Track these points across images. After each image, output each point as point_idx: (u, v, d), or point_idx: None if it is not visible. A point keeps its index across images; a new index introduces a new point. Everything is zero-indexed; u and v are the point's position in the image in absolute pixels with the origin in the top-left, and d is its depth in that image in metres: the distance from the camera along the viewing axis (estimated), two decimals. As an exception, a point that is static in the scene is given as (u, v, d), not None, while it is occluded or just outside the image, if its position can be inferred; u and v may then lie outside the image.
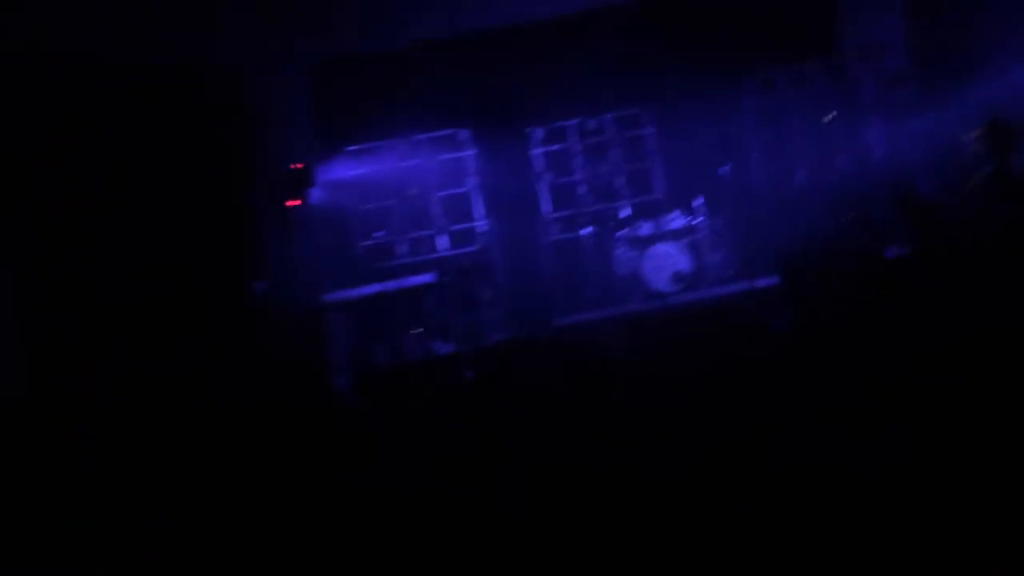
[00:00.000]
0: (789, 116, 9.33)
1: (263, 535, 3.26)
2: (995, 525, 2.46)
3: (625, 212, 9.13)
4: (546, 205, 9.50)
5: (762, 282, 7.93)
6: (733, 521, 2.80)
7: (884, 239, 7.66)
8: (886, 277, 6.76)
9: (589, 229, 9.06)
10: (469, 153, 9.47)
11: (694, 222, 8.73)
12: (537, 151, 9.53)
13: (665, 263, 8.48)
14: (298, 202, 7.28)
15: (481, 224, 9.36)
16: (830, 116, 8.99)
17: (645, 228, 8.74)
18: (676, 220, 8.73)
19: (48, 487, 3.93)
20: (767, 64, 9.25)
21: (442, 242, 9.41)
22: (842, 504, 2.76)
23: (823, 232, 8.08)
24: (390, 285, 7.15)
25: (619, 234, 8.82)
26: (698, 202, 8.74)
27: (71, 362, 6.20)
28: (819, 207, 8.45)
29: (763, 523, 2.78)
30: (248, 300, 7.35)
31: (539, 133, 9.53)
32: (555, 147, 9.56)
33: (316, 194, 8.04)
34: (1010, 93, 7.71)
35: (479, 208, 9.42)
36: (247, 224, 7.62)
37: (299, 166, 7.31)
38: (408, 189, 9.32)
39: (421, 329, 7.76)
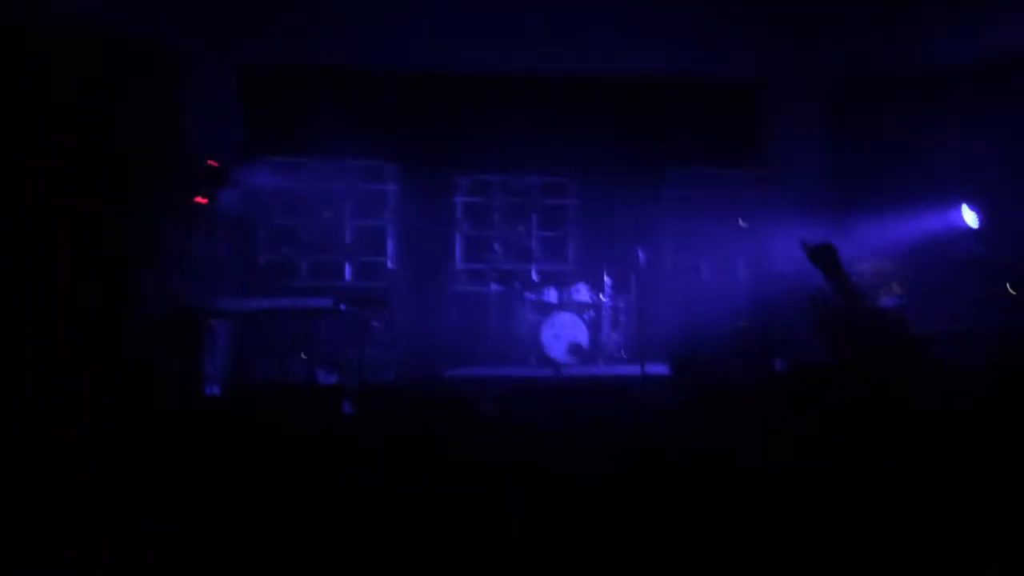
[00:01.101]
0: (705, 215, 9.65)
1: (116, 542, 2.99)
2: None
3: (534, 276, 9.15)
4: (458, 255, 9.46)
5: (653, 368, 8.04)
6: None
7: (776, 351, 7.91)
8: (769, 388, 6.96)
9: (496, 286, 9.04)
10: (391, 188, 9.37)
11: (599, 298, 8.82)
12: (459, 199, 9.52)
13: (565, 333, 8.50)
14: (206, 200, 6.99)
15: (390, 261, 9.22)
16: (744, 223, 9.33)
17: (551, 295, 8.78)
18: (582, 293, 8.80)
19: None
20: (692, 161, 9.59)
21: (347, 271, 9.22)
22: None
23: (719, 333, 8.29)
24: (284, 302, 6.88)
25: (525, 296, 8.82)
26: (607, 280, 8.86)
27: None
28: (720, 308, 8.68)
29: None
30: (131, 292, 6.96)
31: (464, 182, 9.53)
32: (477, 199, 9.57)
33: (228, 197, 7.76)
34: (919, 225, 8.19)
35: (391, 244, 9.29)
36: (147, 213, 7.26)
37: (214, 164, 7.04)
38: (323, 211, 9.13)
39: (308, 354, 7.49)
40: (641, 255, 8.86)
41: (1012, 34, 7.88)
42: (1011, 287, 7.32)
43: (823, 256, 6.29)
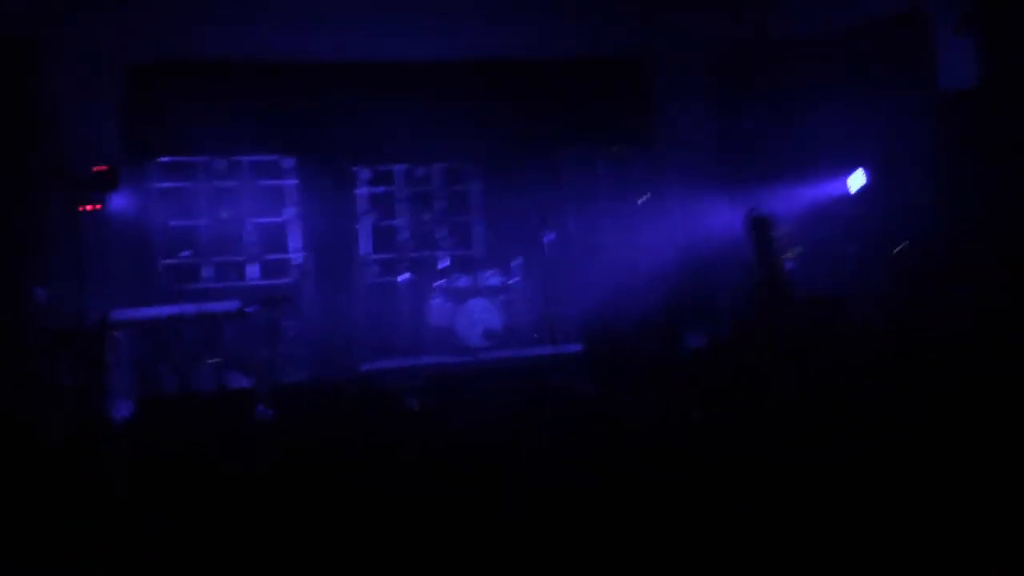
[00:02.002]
0: (605, 193, 9.82)
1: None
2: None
3: (444, 263, 9.14)
4: (365, 246, 9.35)
5: (567, 348, 8.18)
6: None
7: (683, 325, 8.15)
8: (681, 363, 7.19)
9: (406, 276, 8.99)
10: (290, 182, 9.18)
11: (509, 282, 8.88)
12: (362, 191, 9.40)
13: (478, 318, 8.54)
14: (95, 207, 6.70)
15: (295, 257, 9.04)
16: (643, 198, 9.54)
17: (462, 282, 8.79)
18: (492, 278, 8.85)
19: None
20: (588, 141, 9.72)
21: (252, 271, 8.99)
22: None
23: (627, 309, 8.47)
24: (188, 308, 6.68)
25: (435, 284, 8.80)
26: (515, 263, 8.93)
27: None
28: (626, 285, 8.86)
29: None
30: (24, 307, 6.64)
31: (365, 173, 9.41)
32: (380, 189, 9.47)
33: (118, 202, 7.46)
34: (809, 191, 8.52)
35: (295, 240, 9.11)
36: (32, 224, 6.91)
37: (102, 168, 6.74)
38: (221, 211, 8.87)
39: (217, 359, 7.29)
40: (546, 237, 8.96)
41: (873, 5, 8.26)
42: (895, 248, 7.71)
43: (763, 228, 6.69)
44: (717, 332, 7.93)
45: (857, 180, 8.18)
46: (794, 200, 8.57)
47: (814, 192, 8.58)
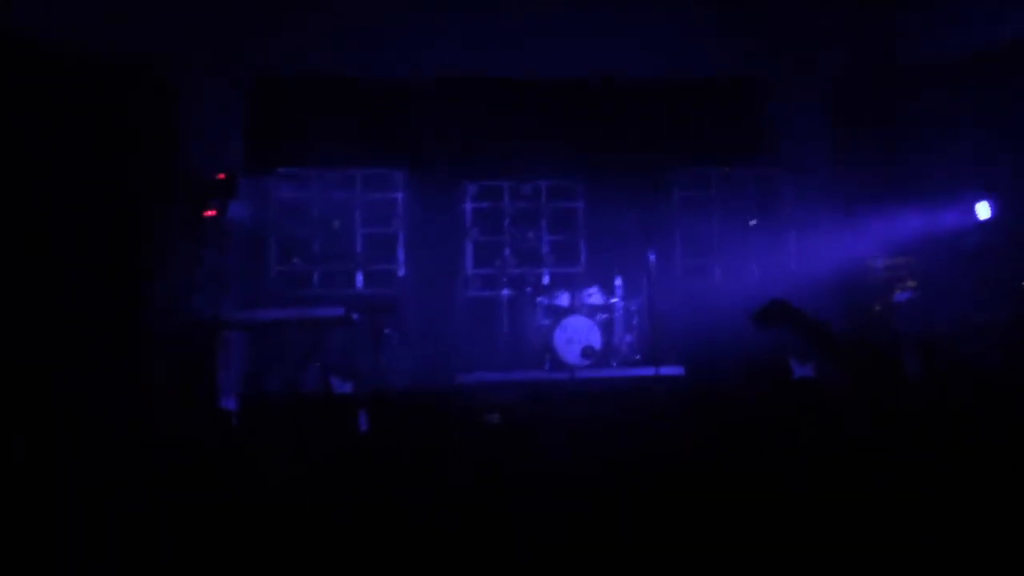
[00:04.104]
0: (714, 215, 9.64)
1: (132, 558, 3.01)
2: None
3: (545, 280, 9.14)
4: (469, 260, 9.46)
5: (667, 370, 8.02)
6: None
7: (793, 356, 7.87)
8: (789, 393, 6.92)
9: (507, 291, 9.03)
10: (400, 195, 9.39)
11: (611, 301, 8.80)
12: (468, 205, 9.53)
13: (577, 336, 8.49)
14: (215, 213, 7.02)
15: (401, 268, 9.23)
16: (753, 221, 9.30)
17: (563, 299, 8.76)
18: (594, 296, 8.78)
19: None
20: (698, 161, 9.57)
21: (359, 280, 9.24)
22: None
23: (732, 335, 8.25)
24: (295, 313, 6.89)
25: (536, 300, 8.81)
26: (618, 282, 8.84)
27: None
28: (734, 309, 8.63)
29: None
30: (143, 305, 6.99)
31: (472, 188, 9.54)
32: (486, 205, 9.58)
33: (237, 209, 7.79)
34: (917, 225, 8.13)
35: (401, 252, 9.30)
36: (156, 227, 7.29)
37: (222, 176, 7.07)
38: (333, 221, 9.15)
39: (321, 364, 7.50)
40: (651, 256, 8.84)
41: (1012, 24, 7.83)
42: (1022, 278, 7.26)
43: (775, 315, 5.71)
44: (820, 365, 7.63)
45: (984, 210, 7.75)
46: (911, 230, 8.21)
47: (933, 222, 8.19)
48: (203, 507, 3.59)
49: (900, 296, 7.76)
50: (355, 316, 7.21)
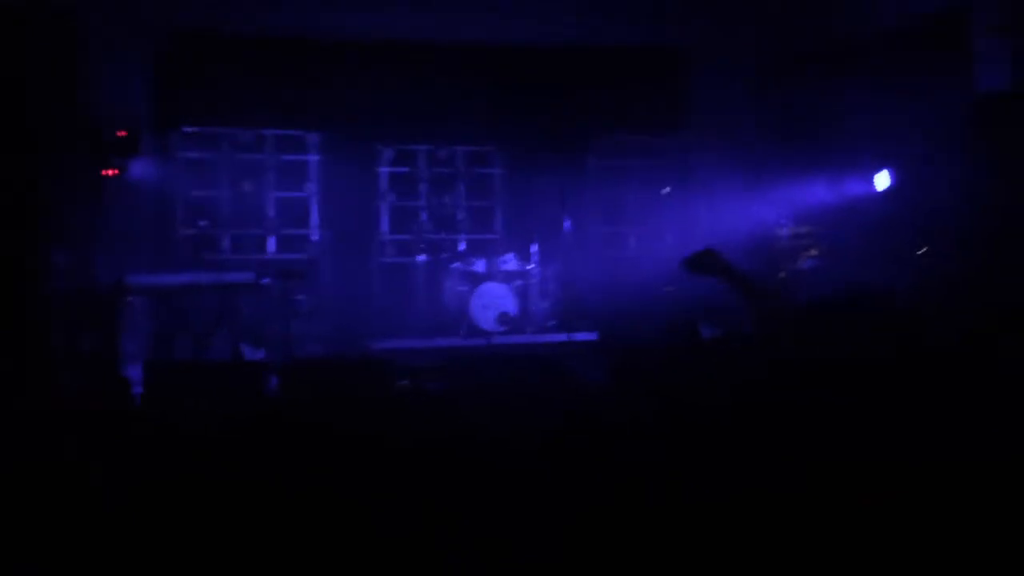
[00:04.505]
0: (630, 183, 9.74)
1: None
2: None
3: (462, 246, 9.11)
4: (384, 226, 9.33)
5: (581, 336, 8.13)
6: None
7: (701, 318, 8.04)
8: (698, 355, 7.08)
9: (423, 257, 8.96)
10: (313, 158, 9.17)
11: (527, 267, 8.83)
12: (383, 170, 9.38)
13: (493, 303, 8.50)
14: (115, 172, 6.70)
15: (314, 233, 9.04)
16: (666, 189, 9.45)
17: (479, 265, 8.75)
18: (510, 262, 8.80)
19: None
20: (616, 129, 9.64)
21: (270, 245, 9.01)
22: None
23: (646, 301, 8.40)
24: (204, 277, 6.69)
25: (453, 266, 8.77)
26: (534, 248, 8.87)
27: None
28: (646, 276, 8.78)
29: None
30: (41, 268, 6.66)
31: (388, 153, 9.39)
32: (402, 169, 9.45)
33: (140, 169, 7.48)
34: (820, 195, 8.40)
35: (314, 216, 9.11)
36: (54, 185, 6.92)
37: (123, 133, 6.74)
38: (243, 183, 8.88)
39: (230, 330, 7.31)
40: (567, 223, 8.90)
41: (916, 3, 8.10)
42: (920, 247, 7.58)
43: (706, 264, 5.85)
44: (735, 327, 7.83)
45: (883, 180, 8.04)
46: (816, 199, 8.47)
47: (841, 191, 8.46)
48: (106, 478, 3.46)
49: (805, 263, 8.02)
50: (266, 281, 7.05)
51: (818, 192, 8.51)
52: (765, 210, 8.76)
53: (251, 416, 5.03)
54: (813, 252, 8.08)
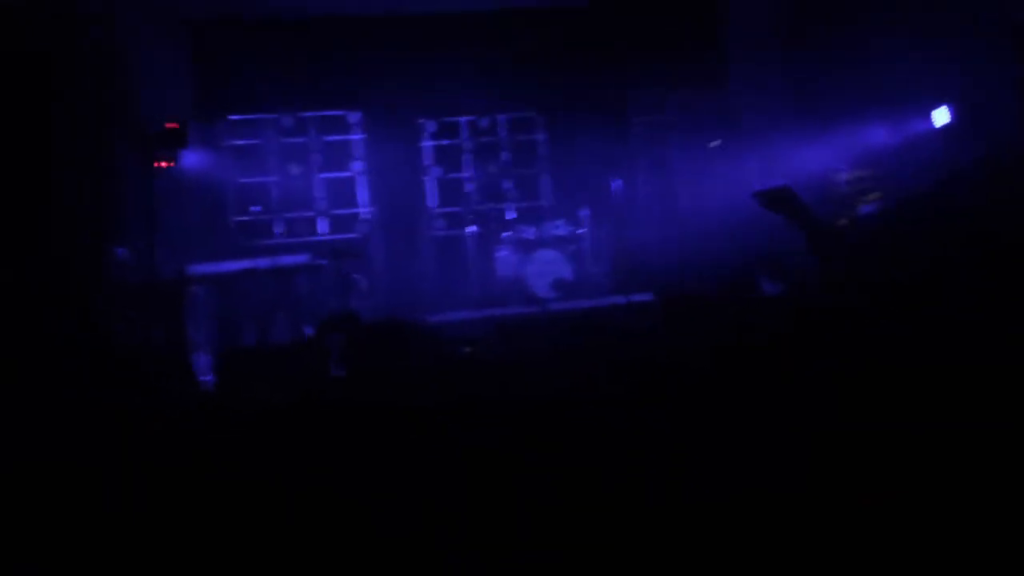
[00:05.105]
0: (675, 138, 9.58)
1: (111, 529, 2.94)
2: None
3: (511, 215, 9.07)
4: (432, 199, 9.34)
5: (637, 298, 8.05)
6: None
7: (758, 271, 7.91)
8: (757, 310, 6.97)
9: (473, 228, 8.96)
10: (357, 137, 9.19)
11: (578, 232, 8.77)
12: (427, 144, 9.36)
13: (546, 269, 8.47)
14: (168, 163, 6.80)
15: (363, 211, 9.09)
16: (715, 143, 9.27)
17: (529, 232, 8.71)
18: (560, 228, 8.74)
19: None
20: (656, 85, 9.46)
21: (321, 226, 9.08)
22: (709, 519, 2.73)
23: (702, 257, 8.28)
24: (261, 263, 6.78)
25: (503, 236, 8.75)
26: (583, 212, 8.80)
27: None
28: (699, 231, 8.66)
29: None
30: (106, 267, 6.81)
31: (431, 126, 9.36)
32: (446, 142, 9.42)
33: (190, 159, 7.57)
34: (878, 136, 8.15)
35: (363, 195, 9.15)
36: (108, 183, 7.06)
37: (173, 125, 6.83)
38: (291, 167, 8.95)
39: (290, 312, 7.41)
40: (616, 184, 8.79)
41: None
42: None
43: (780, 199, 5.80)
44: (795, 280, 7.69)
45: (942, 116, 7.78)
46: (875, 140, 8.23)
47: (898, 131, 8.20)
48: (188, 466, 3.53)
49: (865, 208, 7.81)
50: (321, 262, 7.12)
51: (874, 134, 8.27)
52: (820, 156, 8.54)
53: (319, 395, 5.10)
54: (873, 196, 7.86)
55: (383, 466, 3.44)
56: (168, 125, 6.91)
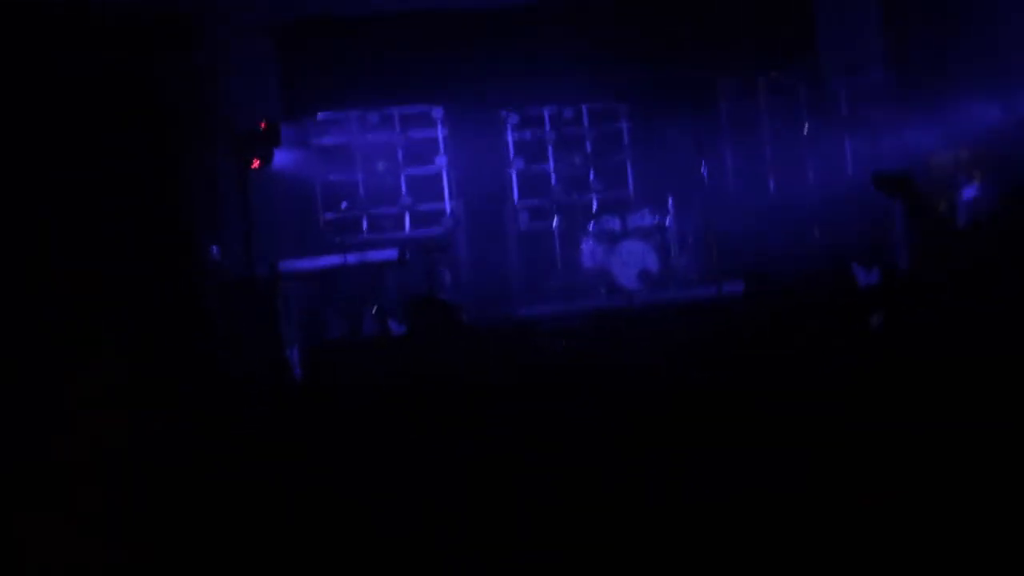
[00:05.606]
0: (764, 124, 9.31)
1: (208, 520, 3.02)
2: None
3: (595, 206, 8.98)
4: (516, 192, 9.32)
5: (728, 288, 7.86)
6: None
7: (852, 258, 7.63)
8: (855, 301, 6.72)
9: (557, 220, 8.90)
10: (441, 132, 9.24)
11: (664, 222, 8.62)
12: (510, 136, 9.34)
13: (633, 260, 8.36)
14: (261, 163, 6.95)
15: (448, 206, 9.14)
16: (808, 127, 8.99)
17: (614, 223, 8.61)
18: (646, 218, 8.61)
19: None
20: (745, 69, 9.22)
21: (407, 221, 9.17)
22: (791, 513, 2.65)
23: (793, 246, 8.05)
24: (350, 258, 6.89)
25: (588, 227, 8.67)
26: (670, 202, 8.64)
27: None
28: (791, 219, 8.42)
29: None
30: (201, 264, 7.01)
31: (513, 118, 9.33)
32: (528, 134, 9.38)
33: (280, 159, 7.73)
34: (981, 114, 7.76)
35: (447, 189, 9.20)
36: (203, 184, 7.27)
37: (264, 126, 6.98)
38: (376, 164, 9.06)
39: (378, 306, 7.51)
40: (703, 172, 8.60)
41: None
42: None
43: (898, 184, 5.54)
44: (892, 267, 7.39)
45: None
46: (975, 119, 7.84)
47: (1000, 112, 7.80)
48: (288, 448, 3.59)
49: (967, 191, 7.45)
50: (409, 258, 7.19)
51: (972, 113, 7.88)
52: (916, 137, 8.19)
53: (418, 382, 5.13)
54: (976, 176, 7.48)
55: (405, 466, 3.43)
56: (260, 125, 7.06)
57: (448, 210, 9.11)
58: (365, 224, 9.07)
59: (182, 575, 2.80)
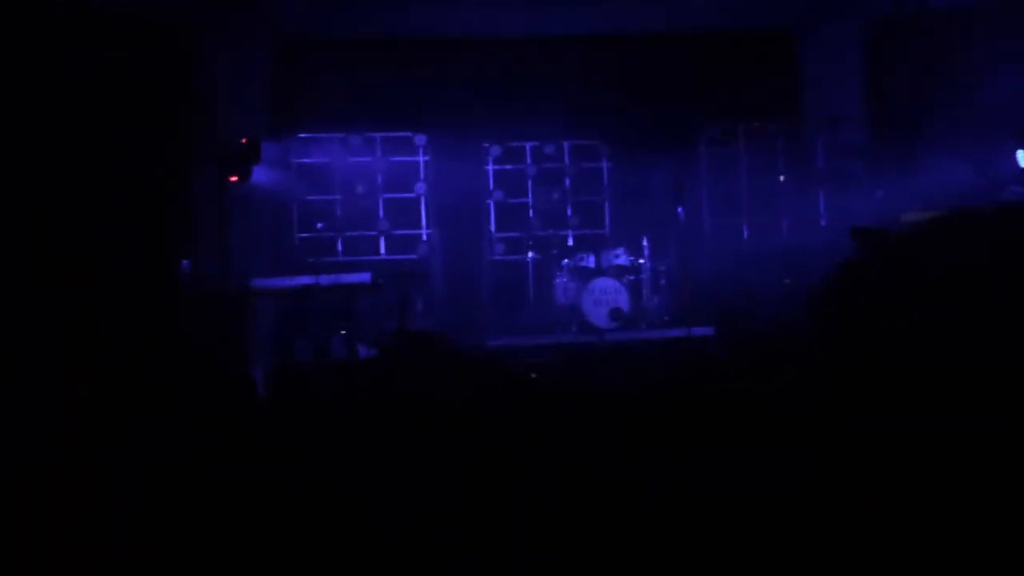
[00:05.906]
0: (742, 171, 9.44)
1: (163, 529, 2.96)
2: None
3: (571, 241, 9.02)
4: (493, 223, 9.35)
5: (698, 331, 7.90)
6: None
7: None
8: (820, 348, 6.77)
9: (532, 254, 8.93)
10: (422, 159, 9.26)
11: (638, 262, 8.67)
12: (491, 167, 9.39)
13: (605, 298, 8.38)
14: (238, 178, 6.91)
15: (425, 232, 9.14)
16: (783, 176, 9.11)
17: (589, 261, 8.65)
18: (621, 257, 8.66)
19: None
20: (726, 116, 9.36)
21: (383, 245, 9.15)
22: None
23: (763, 291, 8.11)
24: (322, 279, 6.84)
25: (563, 263, 8.70)
26: (645, 243, 8.71)
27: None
28: (763, 266, 8.49)
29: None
30: (172, 277, 6.93)
31: (495, 150, 9.39)
32: (509, 166, 9.44)
33: (259, 175, 7.70)
34: (960, 175, 7.91)
35: (425, 216, 9.20)
36: (179, 196, 7.20)
37: (245, 141, 6.96)
38: (355, 186, 9.05)
39: (347, 330, 7.45)
40: (680, 215, 8.67)
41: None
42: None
43: (876, 244, 5.67)
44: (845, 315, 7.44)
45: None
46: (946, 181, 7.98)
47: (970, 172, 7.94)
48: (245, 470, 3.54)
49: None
50: (382, 282, 7.15)
51: (948, 173, 8.02)
52: (890, 194, 8.32)
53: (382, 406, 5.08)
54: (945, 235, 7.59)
55: (396, 467, 3.39)
56: (242, 140, 7.04)
57: (424, 236, 9.11)
58: (340, 246, 9.05)
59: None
